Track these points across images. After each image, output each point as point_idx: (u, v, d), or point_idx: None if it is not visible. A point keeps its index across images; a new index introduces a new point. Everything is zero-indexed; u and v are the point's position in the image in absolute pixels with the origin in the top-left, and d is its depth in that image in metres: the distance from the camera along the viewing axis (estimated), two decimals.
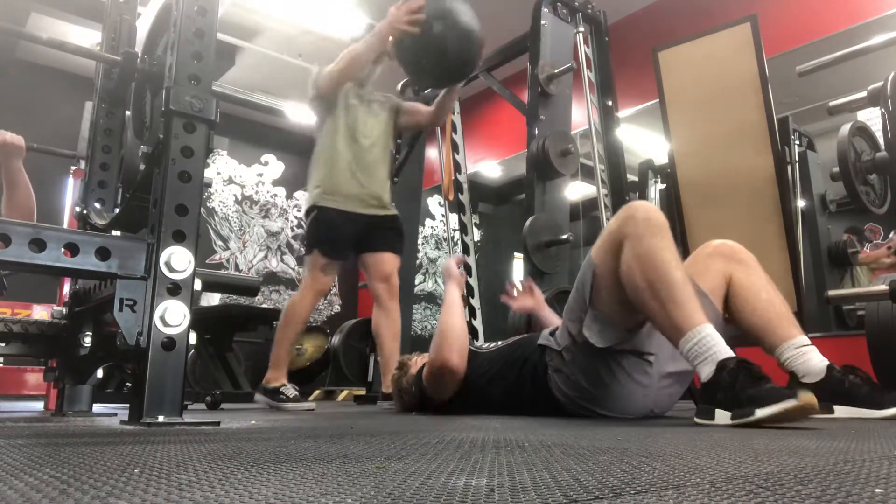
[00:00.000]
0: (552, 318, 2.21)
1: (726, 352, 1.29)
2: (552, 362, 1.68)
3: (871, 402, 1.43)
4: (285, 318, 2.75)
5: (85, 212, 1.97)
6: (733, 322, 1.66)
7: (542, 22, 3.43)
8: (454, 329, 1.90)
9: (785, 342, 1.52)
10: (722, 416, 1.24)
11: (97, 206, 1.97)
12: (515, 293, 2.30)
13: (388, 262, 2.85)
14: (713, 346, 1.29)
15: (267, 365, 2.75)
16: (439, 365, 1.86)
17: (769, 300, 1.59)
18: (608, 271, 1.52)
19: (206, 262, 6.49)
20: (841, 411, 1.45)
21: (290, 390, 2.64)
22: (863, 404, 1.43)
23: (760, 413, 1.17)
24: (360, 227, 2.78)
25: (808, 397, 1.14)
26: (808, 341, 1.52)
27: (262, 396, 2.67)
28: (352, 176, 2.77)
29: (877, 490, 0.50)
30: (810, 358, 1.49)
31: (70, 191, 4.06)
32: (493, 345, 2.00)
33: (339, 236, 2.74)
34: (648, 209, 1.49)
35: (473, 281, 4.48)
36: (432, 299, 7.75)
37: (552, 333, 1.73)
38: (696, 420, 1.32)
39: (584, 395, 1.62)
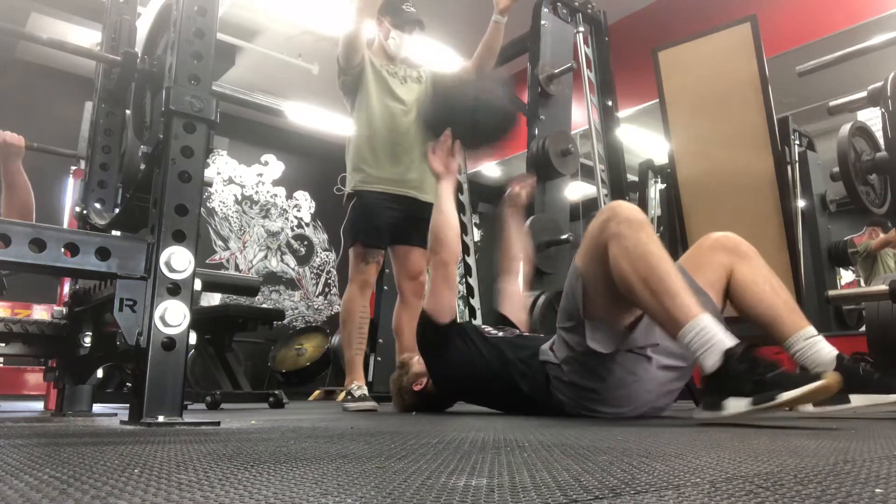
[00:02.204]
0: (513, 290, 2.24)
1: (729, 340, 1.28)
2: (552, 372, 1.69)
3: (884, 388, 1.43)
4: (341, 319, 2.71)
5: (85, 212, 1.96)
6: (738, 313, 1.65)
7: (542, 22, 3.44)
8: (444, 229, 1.99)
9: (794, 333, 1.51)
10: (737, 404, 1.22)
11: (97, 206, 1.97)
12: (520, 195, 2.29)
13: (420, 259, 2.77)
14: (714, 335, 1.28)
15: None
16: (436, 260, 1.95)
17: (774, 291, 1.58)
18: (596, 276, 1.51)
19: (206, 262, 6.49)
20: (857, 400, 1.44)
21: (358, 390, 2.52)
22: (877, 390, 1.43)
23: (785, 396, 1.15)
24: (398, 213, 2.70)
25: (833, 377, 1.14)
26: (816, 332, 1.52)
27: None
28: (391, 153, 2.71)
29: (877, 490, 0.50)
30: (821, 349, 1.48)
31: (70, 191, 4.06)
32: (496, 333, 1.99)
33: (377, 223, 2.66)
34: (628, 208, 1.49)
35: (473, 281, 4.49)
36: None
37: (551, 348, 1.74)
38: (702, 414, 1.30)
39: (586, 396, 1.62)
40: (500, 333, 1.98)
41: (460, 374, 1.94)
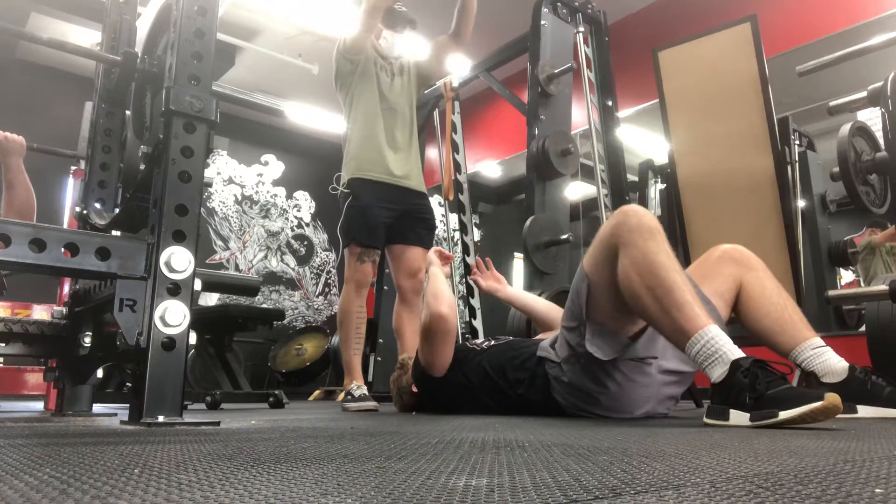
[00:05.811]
0: (525, 298, 2.28)
1: (737, 352, 1.28)
2: (552, 371, 1.68)
3: (893, 402, 1.43)
4: (338, 319, 2.71)
5: (85, 212, 1.97)
6: (744, 325, 1.65)
7: (542, 22, 3.44)
8: (440, 291, 1.97)
9: (801, 343, 1.52)
10: (738, 417, 1.22)
11: (97, 206, 1.97)
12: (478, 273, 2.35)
13: (418, 257, 2.79)
14: (722, 346, 1.28)
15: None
16: (434, 317, 1.89)
17: (781, 304, 1.58)
18: (603, 281, 1.50)
19: (206, 262, 6.49)
20: (864, 411, 1.45)
21: (357, 390, 2.53)
22: (886, 404, 1.43)
23: (784, 415, 1.15)
24: (393, 212, 2.73)
25: (833, 398, 1.13)
26: (823, 342, 1.52)
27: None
28: (385, 143, 2.74)
29: (877, 490, 0.50)
30: (829, 358, 1.49)
31: (70, 191, 4.06)
32: (487, 343, 2.00)
33: (374, 223, 2.67)
34: (640, 213, 1.47)
35: None
36: None
37: (552, 345, 1.73)
38: (707, 421, 1.30)
39: (584, 399, 1.62)
40: (493, 342, 1.99)
41: (455, 399, 1.98)
